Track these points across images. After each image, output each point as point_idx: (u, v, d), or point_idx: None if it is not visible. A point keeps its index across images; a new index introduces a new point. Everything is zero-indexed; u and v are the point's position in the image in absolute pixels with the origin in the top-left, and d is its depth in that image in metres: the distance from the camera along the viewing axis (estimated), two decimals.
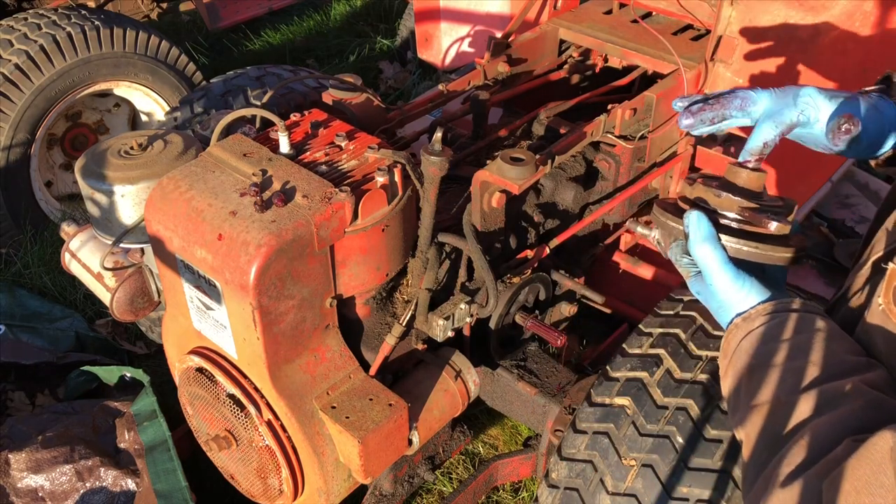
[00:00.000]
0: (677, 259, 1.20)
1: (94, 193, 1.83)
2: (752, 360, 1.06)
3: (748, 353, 1.07)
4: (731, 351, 1.10)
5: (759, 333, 1.07)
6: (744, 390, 1.06)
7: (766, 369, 1.03)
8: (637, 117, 2.02)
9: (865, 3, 1.90)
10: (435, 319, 1.66)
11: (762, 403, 1.02)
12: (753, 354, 1.06)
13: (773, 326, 1.06)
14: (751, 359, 1.06)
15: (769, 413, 1.01)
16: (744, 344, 1.08)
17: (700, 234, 1.12)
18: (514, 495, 2.44)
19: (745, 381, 1.06)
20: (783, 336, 1.05)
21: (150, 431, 2.20)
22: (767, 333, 1.06)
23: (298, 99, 2.56)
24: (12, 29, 3.23)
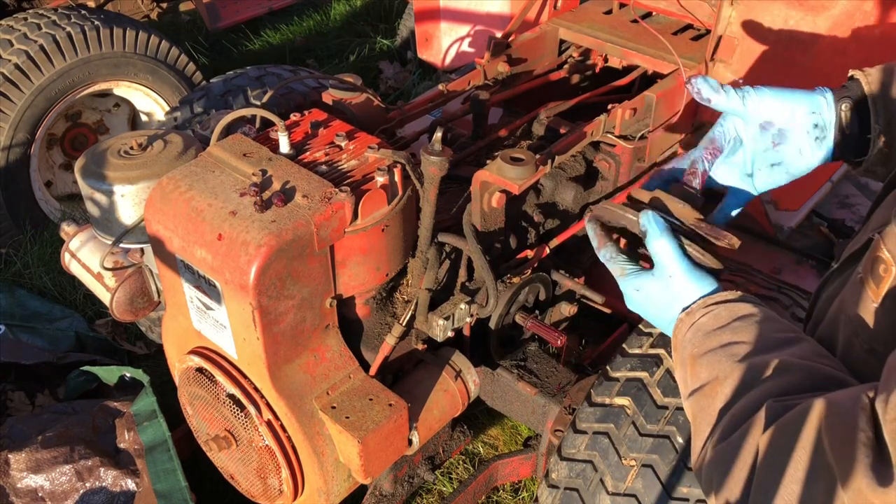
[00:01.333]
0: (612, 257, 1.26)
1: (94, 193, 1.83)
2: (694, 349, 1.13)
3: (691, 343, 1.15)
4: (678, 345, 1.18)
5: (700, 325, 1.15)
6: (689, 378, 1.13)
7: (706, 355, 1.11)
8: (637, 117, 2.02)
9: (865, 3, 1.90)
10: (435, 319, 1.66)
11: (702, 385, 1.10)
12: (695, 344, 1.14)
13: (712, 317, 1.14)
14: (693, 348, 1.14)
15: (708, 393, 1.08)
16: (687, 335, 1.16)
17: (657, 228, 1.20)
18: (514, 495, 2.44)
19: (690, 369, 1.13)
20: (720, 324, 1.13)
21: (150, 431, 2.20)
22: (706, 324, 1.14)
23: (298, 99, 2.56)
24: (12, 29, 3.23)
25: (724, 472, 1.00)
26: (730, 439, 1.00)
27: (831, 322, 1.17)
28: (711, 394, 1.08)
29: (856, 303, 1.07)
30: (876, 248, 1.04)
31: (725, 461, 1.00)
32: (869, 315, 1.03)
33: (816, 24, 1.98)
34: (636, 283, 1.24)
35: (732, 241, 1.22)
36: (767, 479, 0.93)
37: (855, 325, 1.07)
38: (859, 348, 1.06)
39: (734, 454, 0.99)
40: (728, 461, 1.00)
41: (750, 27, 2.07)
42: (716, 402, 1.07)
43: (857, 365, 1.04)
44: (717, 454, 1.02)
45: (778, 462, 0.93)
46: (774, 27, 2.03)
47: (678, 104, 2.11)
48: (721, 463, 1.01)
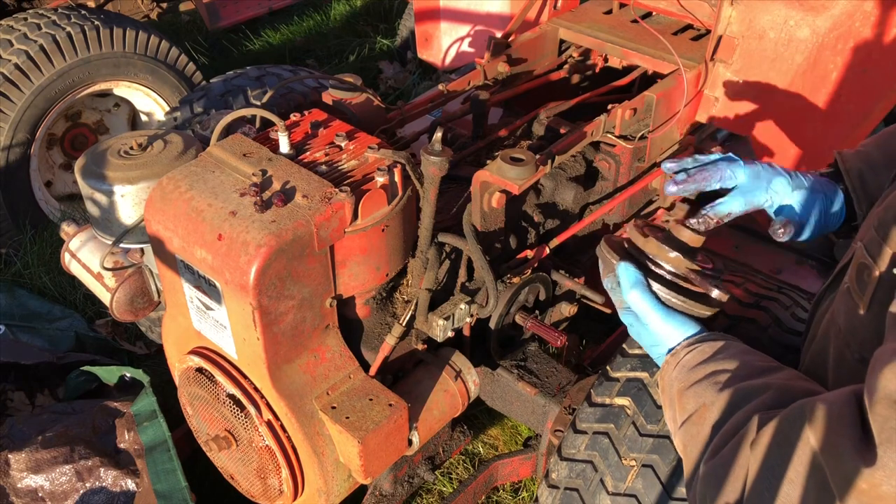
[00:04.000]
0: (612, 288, 1.33)
1: (94, 193, 1.83)
2: (680, 384, 1.19)
3: (678, 380, 1.20)
4: (666, 385, 1.24)
5: (684, 362, 1.21)
6: (678, 412, 1.19)
7: (692, 388, 1.16)
8: (637, 117, 2.02)
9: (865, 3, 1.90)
10: (435, 319, 1.66)
11: (690, 416, 1.15)
12: (681, 380, 1.19)
13: (696, 353, 1.20)
14: (679, 384, 1.19)
15: (696, 421, 1.13)
16: (673, 374, 1.22)
17: (629, 281, 1.27)
18: (514, 495, 2.44)
19: (679, 404, 1.19)
20: (703, 358, 1.19)
21: (150, 431, 2.20)
22: (690, 360, 1.20)
23: (298, 99, 2.56)
24: (12, 29, 3.23)
25: (718, 484, 1.02)
26: (721, 453, 1.04)
27: (823, 335, 1.20)
28: (699, 421, 1.13)
29: (844, 313, 1.10)
30: (859, 256, 1.06)
31: (718, 474, 1.03)
32: (857, 324, 1.05)
33: (816, 24, 1.98)
34: (628, 319, 1.31)
35: (721, 295, 1.26)
36: (761, 483, 0.96)
37: (845, 336, 1.09)
38: (850, 358, 1.08)
39: (727, 466, 1.02)
40: (721, 474, 1.03)
41: (750, 27, 2.07)
42: (704, 428, 1.11)
43: (849, 376, 1.06)
44: (709, 469, 1.05)
45: (769, 464, 0.95)
46: (774, 27, 2.03)
47: (678, 104, 2.11)
48: (714, 476, 1.04)
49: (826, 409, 0.91)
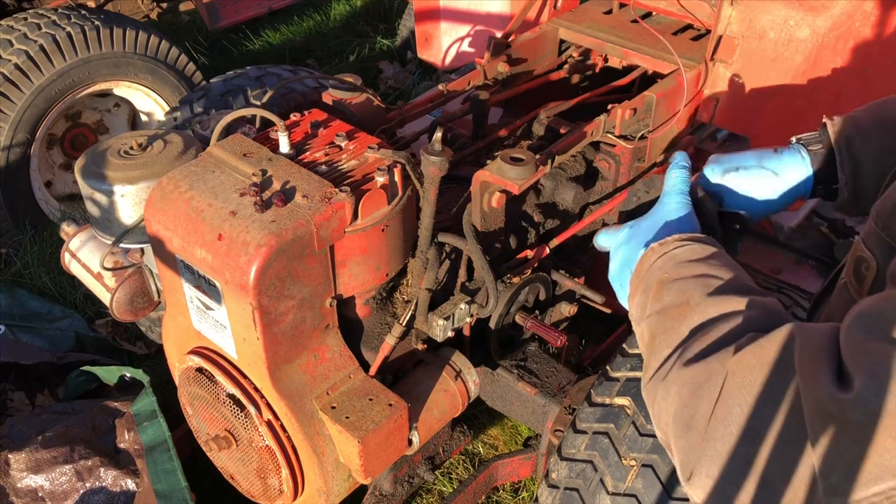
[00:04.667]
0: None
1: (94, 193, 1.83)
2: (664, 274, 1.15)
3: (661, 270, 1.17)
4: (643, 271, 1.20)
5: (673, 254, 1.17)
6: (652, 299, 1.15)
7: (677, 282, 1.12)
8: (637, 117, 2.02)
9: (865, 3, 1.90)
10: (435, 319, 1.66)
11: (670, 307, 1.11)
12: (665, 270, 1.16)
13: (687, 251, 1.17)
14: (663, 274, 1.15)
15: (675, 315, 1.09)
16: (657, 263, 1.18)
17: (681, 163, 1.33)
18: (514, 495, 2.44)
19: (655, 292, 1.15)
20: (694, 257, 1.15)
21: (150, 431, 2.20)
22: (680, 255, 1.16)
23: (298, 99, 2.56)
24: (12, 29, 3.23)
25: (695, 390, 1.00)
26: (705, 360, 1.00)
27: None
28: (678, 316, 1.09)
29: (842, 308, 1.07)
30: (857, 249, 1.05)
31: (696, 380, 1.00)
32: None
33: (816, 24, 1.98)
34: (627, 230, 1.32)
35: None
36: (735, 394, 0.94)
37: None
38: None
39: (709, 375, 0.99)
40: (700, 380, 1.00)
41: (750, 27, 2.07)
42: (682, 326, 1.07)
43: None
44: (687, 372, 1.02)
45: (747, 379, 0.94)
46: (774, 27, 2.03)
47: (678, 104, 2.11)
48: (691, 382, 1.01)
49: (812, 337, 0.91)
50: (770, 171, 1.45)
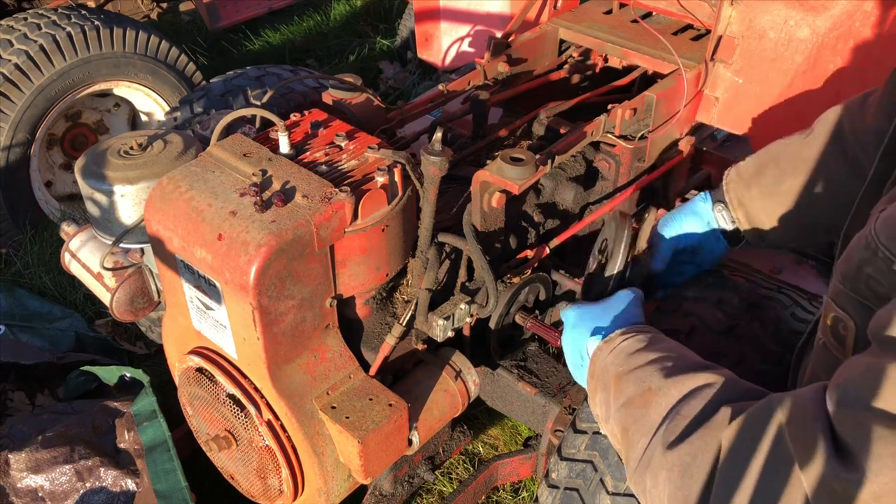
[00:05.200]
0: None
1: (94, 193, 1.83)
2: (618, 368, 1.21)
3: (613, 364, 1.22)
4: (598, 371, 1.27)
5: (621, 348, 1.24)
6: (613, 395, 1.19)
7: (633, 372, 1.17)
8: (637, 117, 2.02)
9: (865, 3, 1.90)
10: (435, 319, 1.66)
11: (633, 397, 1.15)
12: (619, 364, 1.21)
13: (633, 341, 1.24)
14: (617, 368, 1.21)
15: (640, 404, 1.13)
16: (608, 359, 1.25)
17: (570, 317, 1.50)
18: (514, 495, 2.44)
19: (615, 387, 1.19)
20: (641, 346, 1.21)
21: (150, 431, 2.20)
22: (627, 347, 1.23)
23: (298, 99, 2.56)
24: (12, 29, 3.23)
25: (686, 471, 1.01)
26: (689, 440, 1.02)
27: None
28: (644, 404, 1.12)
29: (826, 368, 1.08)
30: (829, 308, 1.06)
31: (684, 461, 1.01)
32: None
33: (816, 24, 1.98)
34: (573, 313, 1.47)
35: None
36: (731, 473, 0.95)
37: None
38: None
39: (695, 454, 1.00)
40: (688, 461, 1.01)
41: (750, 27, 2.07)
42: (651, 412, 1.10)
43: None
44: (676, 455, 1.03)
45: (742, 456, 0.95)
46: (774, 27, 2.03)
47: (678, 104, 2.11)
48: (679, 464, 1.02)
49: (800, 408, 0.91)
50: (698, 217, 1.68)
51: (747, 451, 0.94)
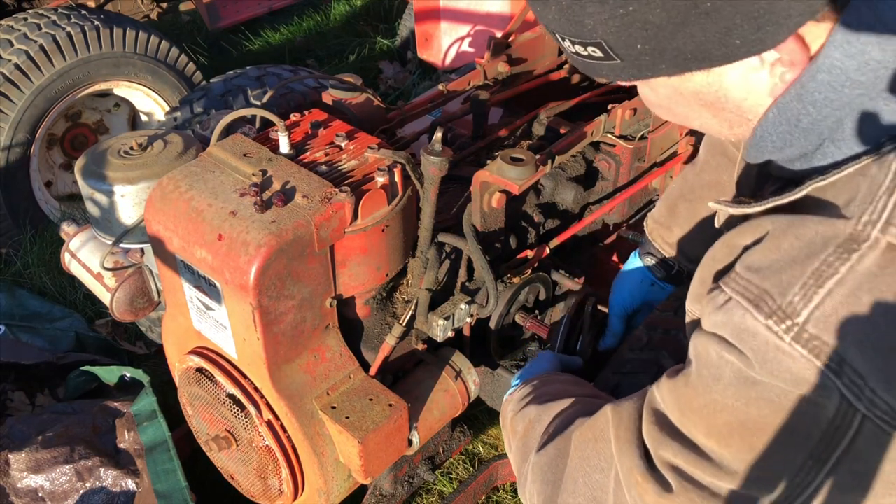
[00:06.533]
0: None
1: (94, 193, 1.83)
2: (512, 413, 1.42)
3: (511, 412, 1.43)
4: (506, 423, 1.45)
5: (515, 397, 1.45)
6: (510, 436, 1.40)
7: (520, 413, 1.39)
8: (637, 117, 2.02)
9: None
10: (435, 319, 1.66)
11: (521, 435, 1.35)
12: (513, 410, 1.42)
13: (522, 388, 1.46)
14: (511, 413, 1.42)
15: (524, 435, 1.33)
16: (509, 408, 1.45)
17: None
18: (514, 495, 2.44)
19: (510, 429, 1.41)
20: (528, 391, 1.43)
21: (150, 431, 2.20)
22: (518, 394, 1.44)
23: (298, 99, 2.56)
24: (12, 29, 3.23)
25: (544, 472, 1.22)
26: (545, 448, 1.23)
27: None
28: (526, 435, 1.32)
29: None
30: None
31: (542, 464, 1.23)
32: None
33: None
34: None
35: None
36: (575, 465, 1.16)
37: None
38: None
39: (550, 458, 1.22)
40: (544, 462, 1.22)
41: None
42: (530, 441, 1.30)
43: None
44: (536, 460, 1.24)
45: (583, 453, 1.15)
46: None
47: None
48: (539, 467, 1.23)
49: (623, 414, 1.09)
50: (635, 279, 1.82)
51: (587, 450, 1.14)
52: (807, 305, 0.85)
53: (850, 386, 0.84)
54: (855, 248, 0.85)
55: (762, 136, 0.99)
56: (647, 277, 1.79)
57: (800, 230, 0.90)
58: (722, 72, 0.93)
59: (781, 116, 0.95)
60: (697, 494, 0.96)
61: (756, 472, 0.92)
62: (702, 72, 0.94)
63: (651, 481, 1.00)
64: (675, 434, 0.99)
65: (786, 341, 0.86)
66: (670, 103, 1.03)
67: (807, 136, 0.94)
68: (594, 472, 1.12)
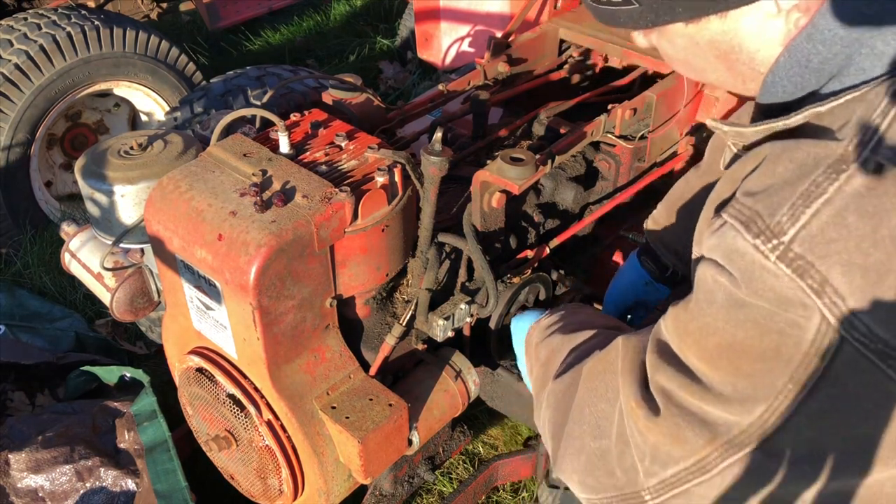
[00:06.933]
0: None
1: (94, 193, 1.83)
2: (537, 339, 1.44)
3: (536, 337, 1.45)
4: (529, 350, 1.48)
5: (542, 324, 1.47)
6: (534, 362, 1.43)
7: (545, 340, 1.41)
8: (637, 117, 2.02)
9: None
10: (435, 319, 1.66)
11: (543, 362, 1.37)
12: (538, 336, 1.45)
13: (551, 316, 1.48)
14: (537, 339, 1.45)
15: (546, 363, 1.36)
16: (534, 336, 1.47)
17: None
18: (514, 495, 2.44)
19: (534, 356, 1.43)
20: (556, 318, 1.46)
21: (150, 431, 2.20)
22: (546, 322, 1.46)
23: (298, 99, 2.56)
24: (12, 29, 3.23)
25: (558, 400, 1.24)
26: (568, 373, 1.25)
27: None
28: (548, 362, 1.34)
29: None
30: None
31: (556, 391, 1.26)
32: None
33: None
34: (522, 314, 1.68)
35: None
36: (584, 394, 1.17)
37: None
38: None
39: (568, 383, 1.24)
40: (559, 390, 1.25)
41: None
42: (550, 369, 1.32)
43: None
44: (552, 387, 1.28)
45: (592, 382, 1.17)
46: None
47: (678, 104, 2.11)
48: (553, 393, 1.27)
49: (632, 346, 1.11)
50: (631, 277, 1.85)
51: (595, 381, 1.16)
52: (794, 225, 0.86)
53: (830, 306, 0.84)
54: (844, 169, 0.85)
55: (773, 81, 1.00)
56: (643, 277, 1.80)
57: (794, 153, 0.90)
58: (738, 18, 0.95)
59: (792, 59, 0.96)
60: (682, 419, 0.97)
61: (739, 395, 0.92)
62: (718, 18, 0.96)
63: (643, 406, 1.02)
64: (671, 359, 1.01)
65: (770, 260, 0.86)
66: (687, 55, 1.06)
67: (817, 77, 0.95)
68: (600, 401, 1.13)
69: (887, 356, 0.84)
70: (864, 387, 0.86)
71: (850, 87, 0.91)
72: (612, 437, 1.09)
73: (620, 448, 1.07)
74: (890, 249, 0.82)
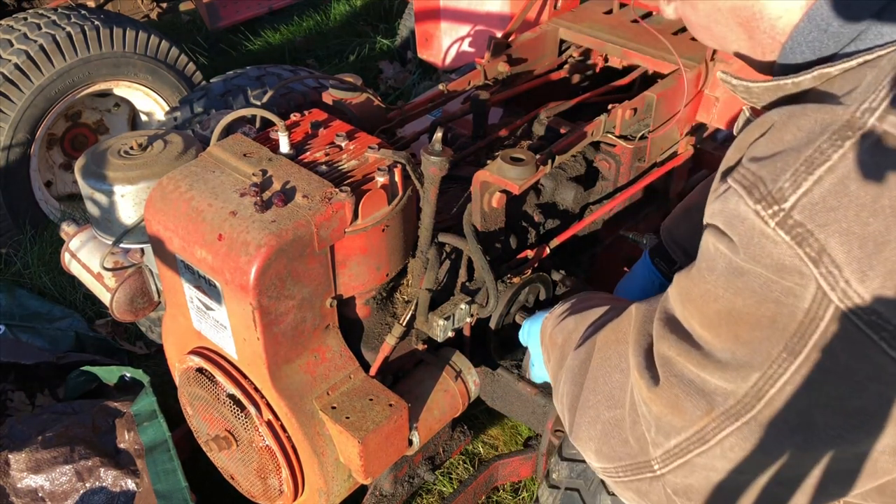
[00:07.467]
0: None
1: (94, 193, 1.83)
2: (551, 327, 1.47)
3: (550, 326, 1.47)
4: (545, 340, 1.50)
5: (555, 313, 1.49)
6: (550, 349, 1.44)
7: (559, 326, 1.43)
8: (637, 117, 2.02)
9: None
10: (435, 319, 1.66)
11: (560, 346, 1.40)
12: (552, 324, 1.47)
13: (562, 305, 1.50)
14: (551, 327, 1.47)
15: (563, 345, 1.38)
16: (548, 325, 1.49)
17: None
18: (514, 495, 2.44)
19: (549, 343, 1.45)
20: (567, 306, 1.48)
21: (150, 431, 2.20)
22: (558, 310, 1.49)
23: (298, 99, 2.56)
24: (12, 29, 3.23)
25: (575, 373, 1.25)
26: (582, 347, 1.27)
27: None
28: (565, 345, 1.36)
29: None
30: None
31: (576, 363, 1.26)
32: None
33: None
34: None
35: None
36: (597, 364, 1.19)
37: None
38: None
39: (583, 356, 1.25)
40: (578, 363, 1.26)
41: None
42: (567, 349, 1.34)
43: None
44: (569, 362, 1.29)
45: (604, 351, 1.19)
46: None
47: (678, 104, 2.11)
48: (570, 369, 1.27)
49: (643, 314, 1.12)
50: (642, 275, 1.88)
51: (608, 350, 1.18)
52: (795, 191, 0.85)
53: (826, 276, 0.83)
54: (849, 136, 0.84)
55: (792, 48, 0.99)
56: (654, 277, 1.81)
57: (800, 120, 0.89)
58: None
59: (811, 24, 0.96)
60: (681, 389, 0.98)
61: (737, 362, 0.92)
62: None
63: (645, 376, 1.03)
64: (675, 327, 1.01)
65: (770, 226, 0.86)
66: (709, 21, 1.06)
67: (836, 41, 0.95)
68: (614, 371, 1.14)
69: (881, 328, 0.83)
70: (856, 359, 0.85)
71: (864, 50, 0.90)
72: (625, 407, 1.10)
73: (633, 417, 1.08)
74: (889, 219, 0.81)
